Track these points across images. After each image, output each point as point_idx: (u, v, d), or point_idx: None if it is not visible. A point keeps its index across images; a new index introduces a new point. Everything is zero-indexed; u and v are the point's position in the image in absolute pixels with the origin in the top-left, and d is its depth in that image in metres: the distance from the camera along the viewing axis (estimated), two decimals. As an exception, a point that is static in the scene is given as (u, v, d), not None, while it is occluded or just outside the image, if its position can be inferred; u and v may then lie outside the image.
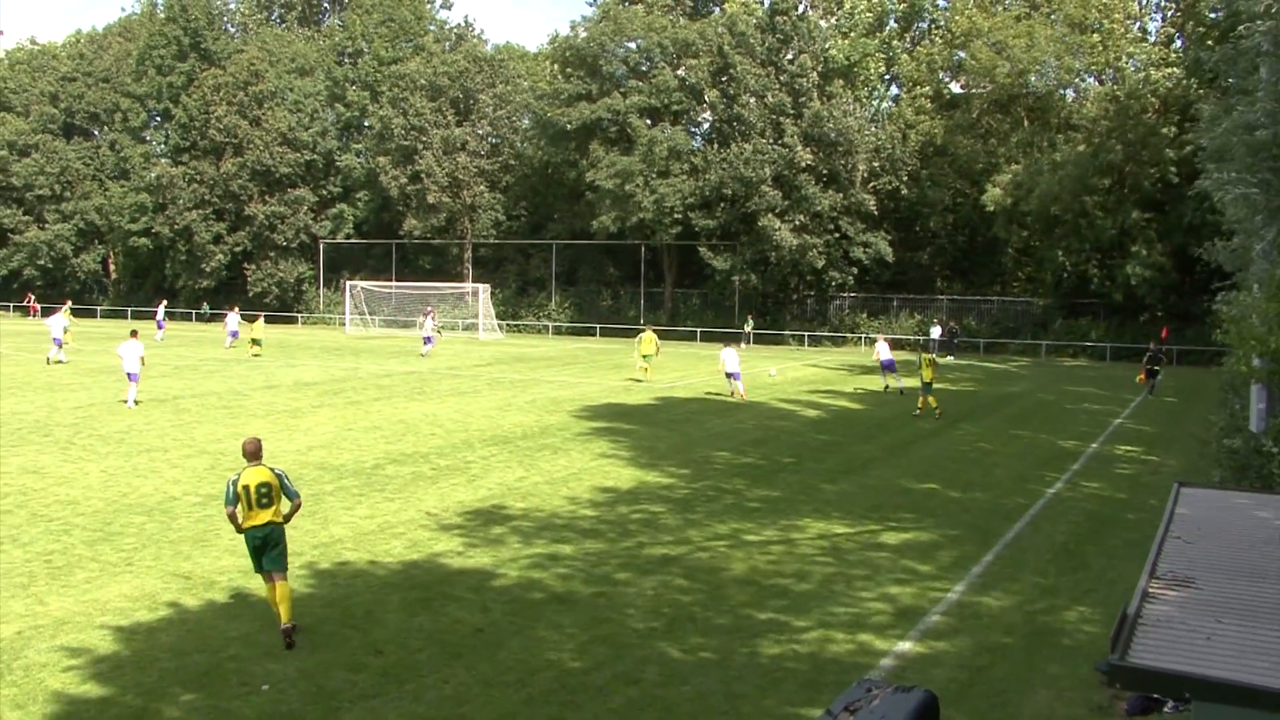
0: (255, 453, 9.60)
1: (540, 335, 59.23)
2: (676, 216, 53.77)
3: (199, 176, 64.88)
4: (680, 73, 55.67)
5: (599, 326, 58.26)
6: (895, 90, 59.36)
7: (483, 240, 64.22)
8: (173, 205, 65.30)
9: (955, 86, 55.01)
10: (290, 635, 9.14)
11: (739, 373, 28.63)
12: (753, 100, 53.02)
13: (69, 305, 50.08)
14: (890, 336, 50.15)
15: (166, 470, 16.92)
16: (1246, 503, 7.18)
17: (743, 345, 47.96)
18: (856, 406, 27.68)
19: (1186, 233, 42.55)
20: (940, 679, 8.53)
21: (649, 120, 56.07)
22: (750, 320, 53.10)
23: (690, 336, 54.37)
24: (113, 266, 78.17)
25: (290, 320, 65.32)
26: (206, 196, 65.03)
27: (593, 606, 10.36)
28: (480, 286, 58.44)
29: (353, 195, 67.83)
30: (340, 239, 67.57)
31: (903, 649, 9.32)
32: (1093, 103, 49.46)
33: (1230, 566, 5.47)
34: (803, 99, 52.33)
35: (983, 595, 10.93)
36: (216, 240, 65.68)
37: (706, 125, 58.04)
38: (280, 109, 64.87)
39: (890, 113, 57.30)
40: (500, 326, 58.48)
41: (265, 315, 50.21)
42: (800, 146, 51.62)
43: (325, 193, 67.69)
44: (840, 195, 52.45)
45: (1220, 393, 25.95)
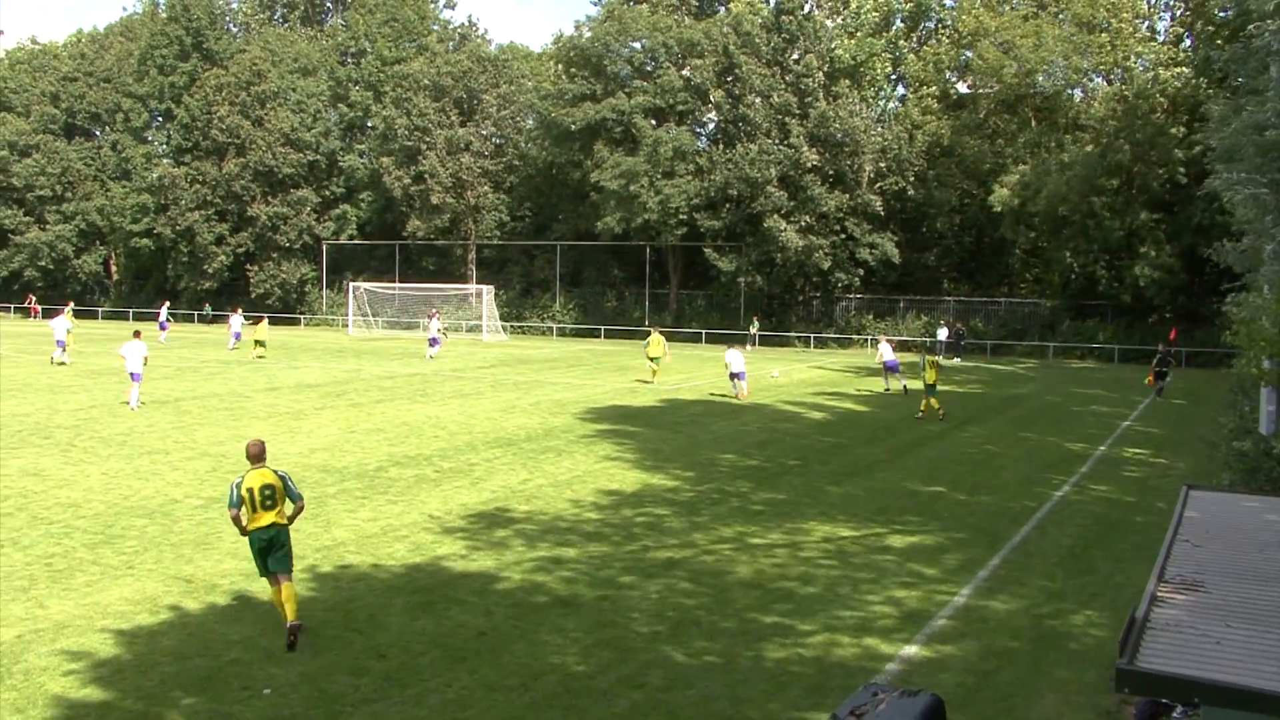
0: (259, 455, 9.66)
1: (544, 337, 59.08)
2: (681, 217, 53.63)
3: (201, 177, 64.70)
4: (685, 73, 55.56)
5: (603, 328, 58.11)
6: (902, 90, 59.20)
7: (487, 241, 64.03)
8: (175, 206, 65.12)
9: (962, 86, 54.88)
10: (295, 633, 9.17)
11: (744, 373, 28.75)
12: (758, 100, 52.86)
13: (71, 307, 50.05)
14: (897, 338, 50.34)
15: (168, 473, 16.89)
16: (1256, 506, 7.14)
17: (748, 347, 47.76)
18: (862, 409, 27.64)
19: (1195, 233, 42.43)
20: (947, 683, 8.51)
21: (654, 120, 55.92)
22: (756, 322, 52.86)
23: (695, 338, 54.20)
24: (114, 267, 78.00)
25: (293, 322, 65.16)
26: (209, 197, 64.85)
27: (597, 610, 10.33)
28: (484, 288, 58.23)
29: (356, 196, 67.70)
30: (343, 240, 67.45)
31: (909, 653, 9.29)
32: (1101, 103, 49.21)
33: (1239, 570, 5.45)
34: (808, 99, 52.14)
35: (989, 599, 10.90)
36: (219, 241, 65.50)
37: (711, 125, 57.83)
38: (283, 109, 64.69)
39: (897, 113, 57.03)
40: (504, 328, 58.29)
41: (268, 317, 49.93)
42: (806, 147, 51.42)
43: (328, 193, 67.52)
44: (846, 196, 52.29)
45: (1229, 395, 25.85)
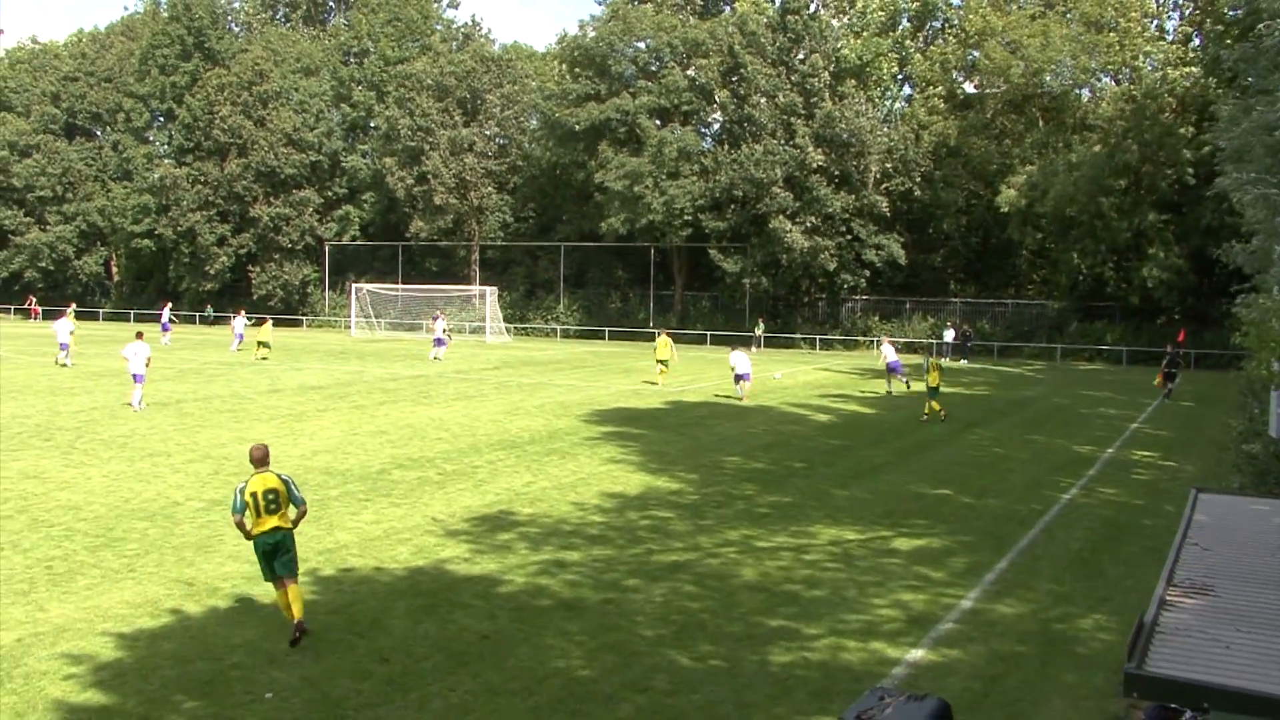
0: (263, 459, 9.71)
1: (548, 338, 58.90)
2: (686, 218, 53.46)
3: (203, 177, 64.46)
4: (690, 73, 55.37)
5: (608, 329, 57.90)
6: (908, 90, 58.91)
7: (490, 242, 63.85)
8: (176, 207, 64.87)
9: (969, 86, 54.69)
10: (300, 630, 9.24)
11: (749, 374, 28.78)
12: (763, 100, 52.67)
13: (73, 308, 49.89)
14: (905, 340, 50.15)
15: (169, 475, 16.79)
16: (1266, 509, 7.10)
17: (753, 349, 47.54)
18: (868, 411, 27.54)
19: (1204, 234, 42.27)
20: (953, 688, 8.47)
21: (658, 121, 55.75)
22: (761, 323, 52.66)
23: (700, 340, 53.95)
24: (115, 269, 77.74)
25: (295, 323, 64.93)
26: (210, 198, 64.61)
27: (601, 613, 10.28)
28: (488, 289, 57.91)
29: (358, 196, 67.44)
30: (346, 241, 67.19)
31: (915, 657, 9.24)
32: (1109, 102, 49.01)
33: (1249, 574, 5.42)
34: (814, 99, 51.94)
35: (996, 603, 10.85)
36: (220, 242, 65.29)
37: (717, 126, 57.71)
38: (285, 109, 64.42)
39: (903, 113, 56.76)
40: (508, 330, 58.02)
41: (272, 318, 49.71)
42: (812, 147, 51.22)
43: (331, 194, 67.25)
44: (852, 197, 52.09)
45: (1239, 397, 25.76)
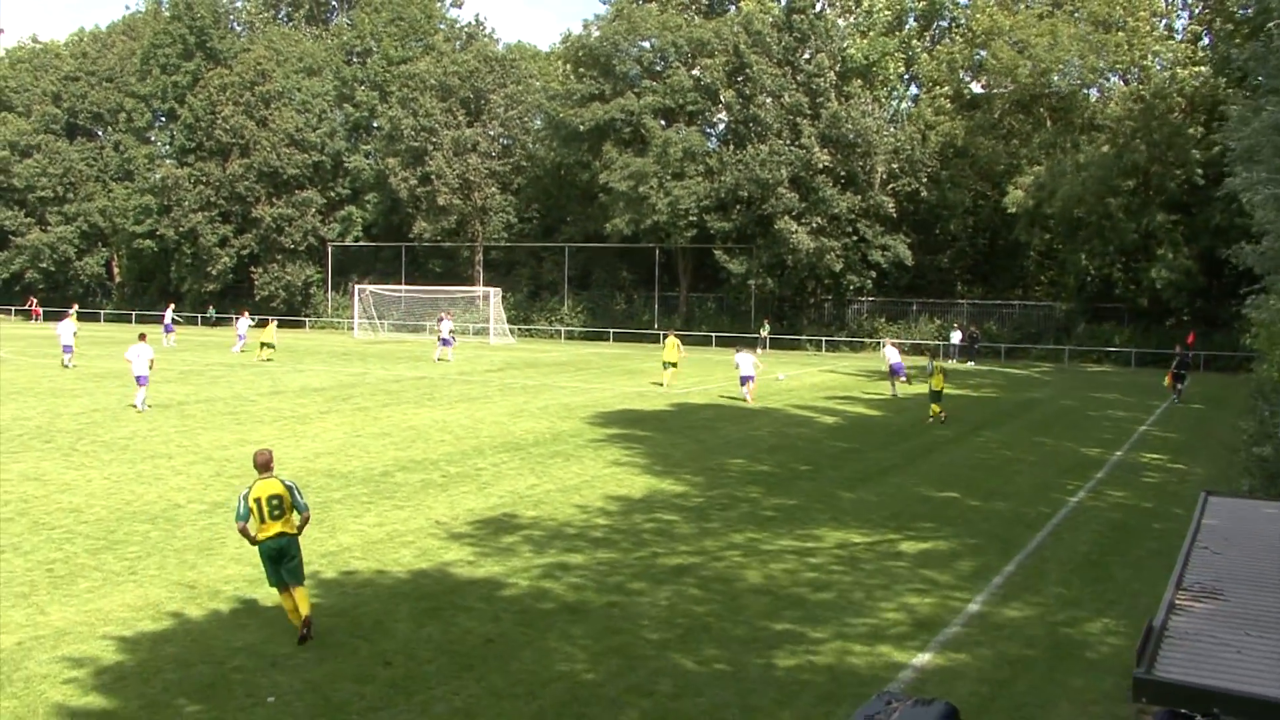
0: (266, 464, 9.75)
1: (553, 340, 58.68)
2: (691, 219, 53.17)
3: (205, 178, 64.24)
4: (695, 72, 55.07)
5: (612, 331, 57.65)
6: (914, 90, 58.57)
7: (494, 243, 63.58)
8: (178, 207, 64.65)
9: (976, 86, 54.24)
10: (308, 626, 9.31)
11: (753, 376, 28.76)
12: (769, 100, 52.38)
13: (76, 309, 49.69)
14: (911, 342, 49.94)
15: (171, 477, 16.73)
16: (1277, 512, 6.96)
17: (758, 351, 47.22)
18: (874, 413, 27.41)
19: (1214, 235, 42.09)
20: (961, 692, 8.43)
21: (663, 121, 55.51)
22: (766, 325, 52.40)
23: (706, 341, 53.62)
24: (117, 269, 77.57)
25: (298, 324, 64.75)
26: (212, 198, 64.40)
27: (605, 617, 10.26)
28: (491, 290, 57.62)
29: (361, 197, 67.22)
30: (349, 242, 66.97)
31: (922, 661, 9.21)
32: (1117, 102, 48.66)
33: (1260, 578, 5.33)
34: (820, 99, 51.64)
35: (1004, 606, 10.81)
36: (223, 243, 65.08)
37: (722, 126, 57.44)
38: (287, 109, 64.23)
39: (909, 113, 56.43)
40: (512, 331, 57.70)
41: (276, 319, 49.62)
42: (818, 148, 50.93)
43: (333, 194, 66.99)
44: (858, 197, 51.78)
45: (1249, 399, 25.70)
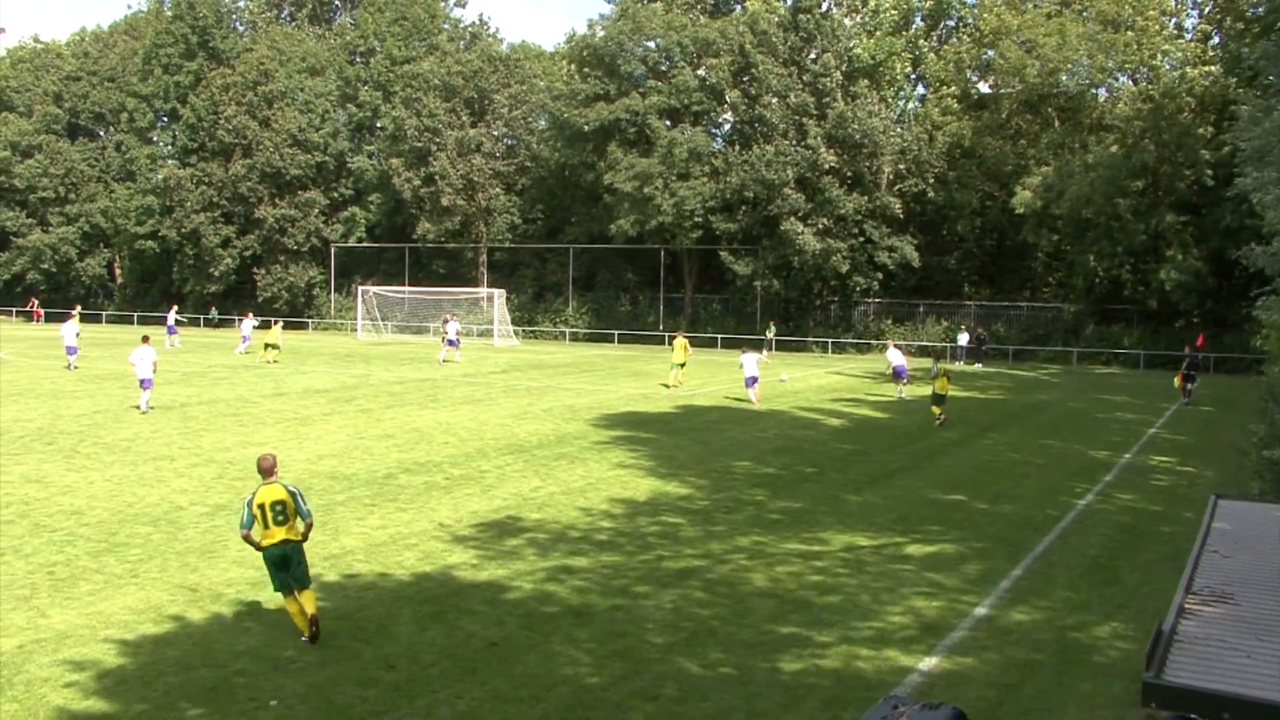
0: (270, 470, 9.74)
1: (557, 341, 58.34)
2: (697, 220, 52.79)
3: (207, 178, 63.87)
4: (700, 72, 54.76)
5: (617, 333, 57.28)
6: (921, 90, 58.29)
7: (498, 244, 63.19)
8: (180, 208, 64.25)
9: (983, 86, 53.93)
10: (316, 625, 9.34)
11: (757, 377, 28.69)
12: (775, 101, 52.03)
13: (78, 311, 49.13)
14: (919, 344, 49.57)
15: (173, 479, 16.67)
16: None
17: (764, 353, 46.71)
18: (881, 415, 27.24)
19: (1224, 236, 41.89)
20: (968, 696, 8.40)
21: (668, 121, 55.17)
22: (773, 326, 51.93)
23: (711, 343, 53.22)
24: (118, 271, 77.27)
25: (301, 326, 64.39)
26: (215, 199, 64.02)
27: (610, 620, 10.23)
28: (495, 291, 57.24)
29: (365, 198, 66.97)
30: (352, 243, 66.67)
31: (929, 665, 9.16)
32: (1126, 102, 48.31)
33: (1270, 582, 5.33)
34: (826, 99, 51.30)
35: (1011, 610, 10.77)
36: (225, 244, 64.70)
37: (727, 126, 57.03)
38: (290, 109, 63.98)
39: (916, 113, 56.13)
40: (516, 333, 57.39)
41: (282, 321, 49.27)
42: (824, 148, 50.56)
43: (336, 195, 66.73)
44: (865, 198, 51.41)
45: (1260, 401, 25.43)
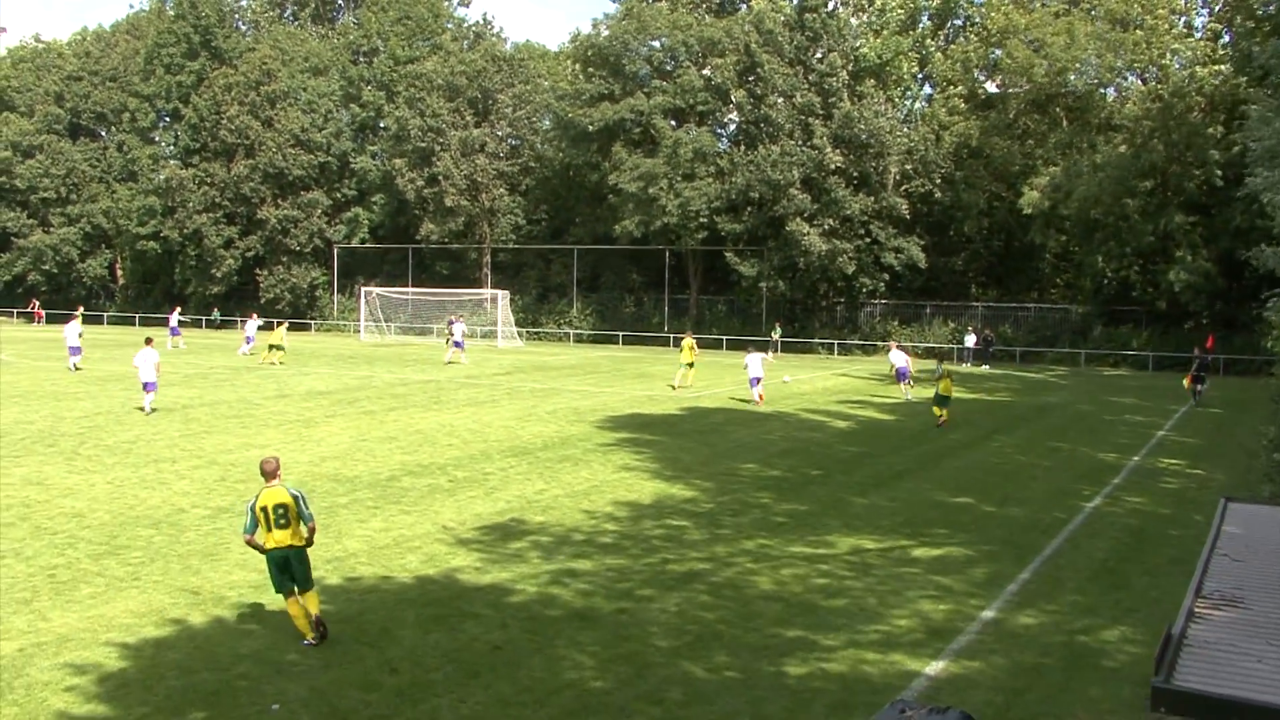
0: (273, 473, 9.71)
1: (561, 343, 58.09)
2: (702, 220, 52.52)
3: (209, 179, 63.73)
4: (706, 72, 54.56)
5: (622, 334, 57.02)
6: (928, 90, 57.86)
7: (502, 245, 62.93)
8: (182, 208, 64.13)
9: (991, 86, 53.64)
10: (323, 626, 9.36)
11: (761, 376, 28.58)
12: (781, 100, 51.77)
13: (81, 312, 48.82)
14: (925, 345, 49.25)
15: (175, 482, 16.58)
16: None
17: (769, 354, 46.42)
18: (887, 417, 27.04)
19: (1234, 237, 41.59)
20: (975, 701, 8.36)
21: (673, 121, 54.90)
22: (778, 328, 51.69)
23: (716, 345, 52.94)
24: (120, 272, 77.13)
25: (303, 327, 64.15)
26: (217, 199, 63.88)
27: (614, 624, 10.18)
28: (499, 293, 56.90)
29: (368, 198, 66.76)
30: (355, 244, 66.46)
31: (936, 669, 9.13)
32: (1135, 102, 47.98)
33: None
34: (832, 99, 51.00)
35: (1019, 614, 10.71)
36: (227, 245, 64.54)
37: (733, 126, 56.81)
38: (293, 109, 63.79)
39: (923, 113, 55.78)
40: (520, 334, 57.16)
41: (288, 322, 49.09)
42: (830, 148, 50.26)
43: (339, 196, 66.56)
44: (871, 199, 51.10)
45: (1270, 403, 25.36)
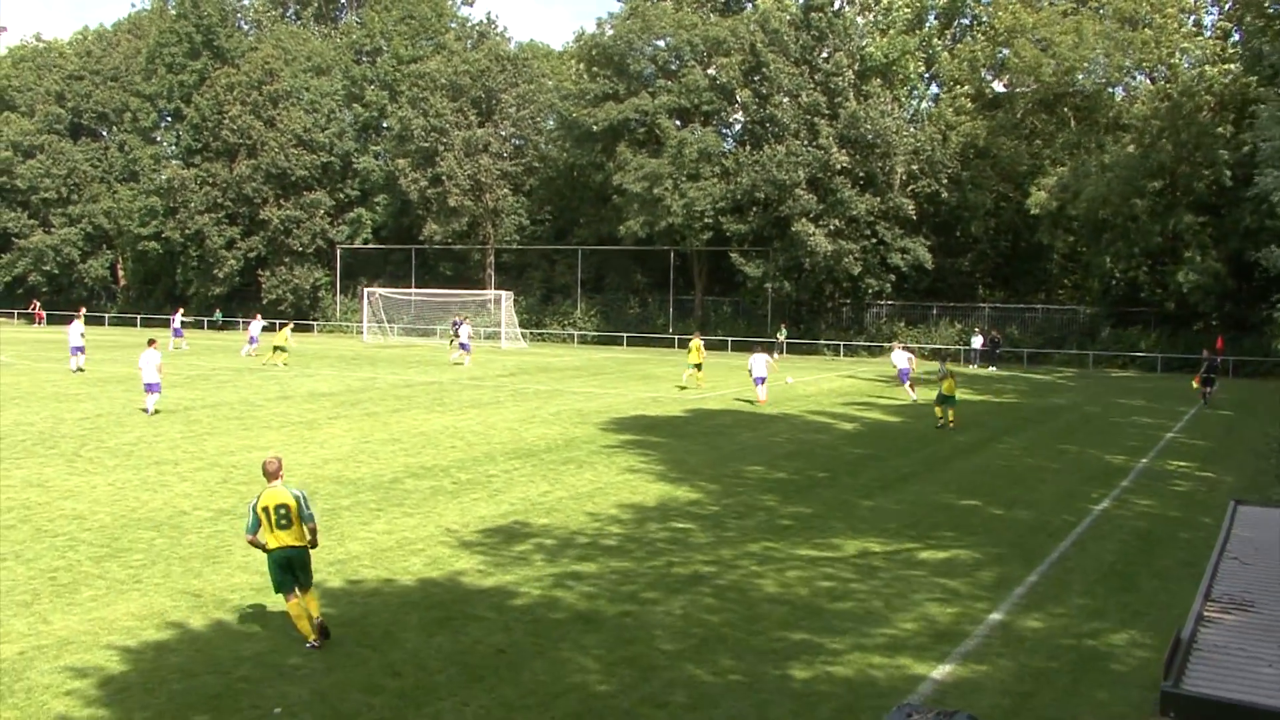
0: (275, 473, 9.66)
1: (565, 344, 57.92)
2: (707, 221, 52.32)
3: (211, 179, 63.58)
4: (711, 72, 54.33)
5: (626, 335, 56.86)
6: (935, 90, 57.66)
7: (505, 246, 62.76)
8: (184, 209, 64.00)
9: (998, 85, 53.51)
10: (324, 628, 9.32)
11: (765, 376, 28.54)
12: (786, 100, 51.54)
13: (83, 312, 48.62)
14: (932, 346, 48.95)
15: (176, 484, 16.43)
16: None
17: (774, 356, 46.08)
18: (893, 419, 26.88)
19: (1243, 237, 41.54)
20: (982, 705, 8.33)
21: (678, 121, 54.72)
22: (783, 329, 51.43)
23: (721, 346, 52.69)
24: (122, 272, 77.00)
25: (306, 328, 64.03)
26: (219, 200, 63.72)
27: (618, 627, 10.13)
28: (503, 294, 56.70)
29: (371, 199, 66.61)
30: (358, 244, 66.30)
31: (943, 673, 9.08)
32: (1143, 101, 47.72)
33: None
34: (838, 99, 50.80)
35: (1026, 617, 10.64)
36: (229, 245, 64.37)
37: (738, 126, 56.68)
38: (296, 109, 63.64)
39: (930, 113, 55.46)
40: (524, 335, 56.96)
41: (292, 323, 48.87)
42: (836, 148, 50.08)
43: (342, 196, 66.39)
44: (877, 199, 50.92)
45: None
